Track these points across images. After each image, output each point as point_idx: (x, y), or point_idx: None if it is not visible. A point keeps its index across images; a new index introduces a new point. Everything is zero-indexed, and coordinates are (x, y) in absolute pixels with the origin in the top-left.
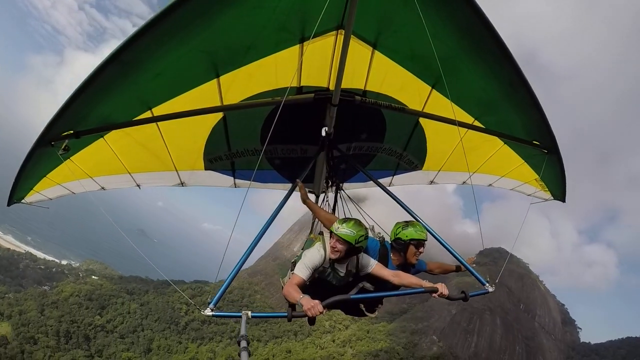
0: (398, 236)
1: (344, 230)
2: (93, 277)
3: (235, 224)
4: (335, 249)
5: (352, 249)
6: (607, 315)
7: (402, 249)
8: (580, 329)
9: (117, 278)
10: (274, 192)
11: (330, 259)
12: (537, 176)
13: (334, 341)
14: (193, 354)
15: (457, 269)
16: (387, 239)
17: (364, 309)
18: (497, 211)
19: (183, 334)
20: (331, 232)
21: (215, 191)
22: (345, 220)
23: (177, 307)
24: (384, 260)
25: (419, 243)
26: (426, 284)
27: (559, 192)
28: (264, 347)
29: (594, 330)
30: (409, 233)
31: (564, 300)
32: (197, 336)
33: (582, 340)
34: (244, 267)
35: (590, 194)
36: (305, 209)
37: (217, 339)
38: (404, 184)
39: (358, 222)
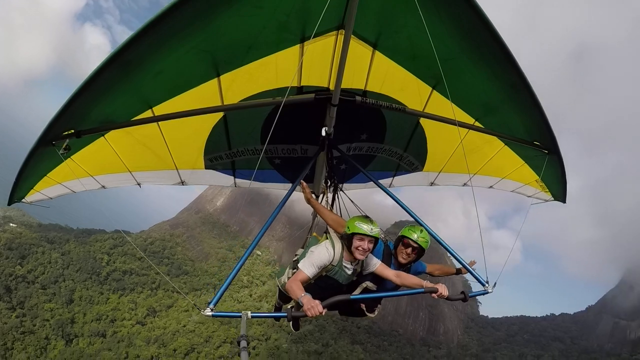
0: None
1: (376, 229)
2: (11, 224)
3: None
4: (365, 250)
5: (374, 247)
6: (506, 295)
7: (394, 246)
8: (480, 303)
9: (36, 226)
10: None
11: (340, 258)
12: (537, 177)
13: (251, 295)
14: (115, 304)
15: (458, 272)
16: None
17: (364, 308)
18: (418, 187)
19: (105, 284)
20: (359, 235)
21: None
22: (368, 219)
23: (99, 257)
24: (387, 260)
25: (408, 242)
26: (427, 284)
27: (559, 192)
28: (183, 300)
29: (492, 306)
30: (404, 230)
31: (467, 276)
32: (118, 287)
33: (480, 313)
34: (165, 218)
35: None
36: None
37: (139, 290)
38: (404, 185)
39: (371, 218)
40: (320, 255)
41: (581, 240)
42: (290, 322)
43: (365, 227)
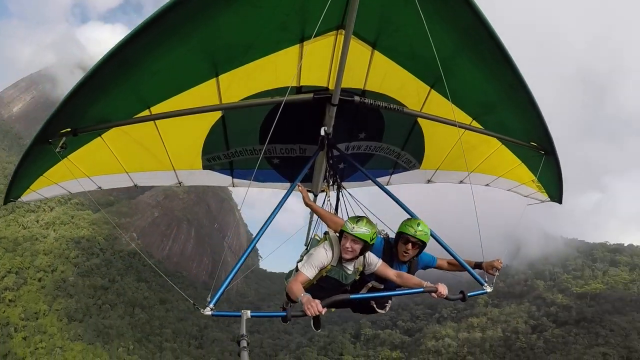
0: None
1: (360, 229)
2: None
3: None
4: (350, 249)
5: (366, 247)
6: (284, 253)
7: (394, 244)
8: (260, 257)
9: None
10: None
11: (339, 258)
12: (534, 177)
13: (37, 222)
14: None
15: (477, 266)
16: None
17: (375, 306)
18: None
19: None
20: (344, 233)
21: None
22: (357, 219)
23: None
24: (388, 256)
25: (407, 238)
26: (427, 284)
27: (555, 193)
28: None
29: (270, 261)
30: (401, 226)
31: (253, 231)
32: None
33: (260, 266)
34: None
35: None
36: None
37: None
38: (401, 183)
39: (369, 220)
40: (319, 256)
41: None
42: (312, 322)
43: (348, 225)
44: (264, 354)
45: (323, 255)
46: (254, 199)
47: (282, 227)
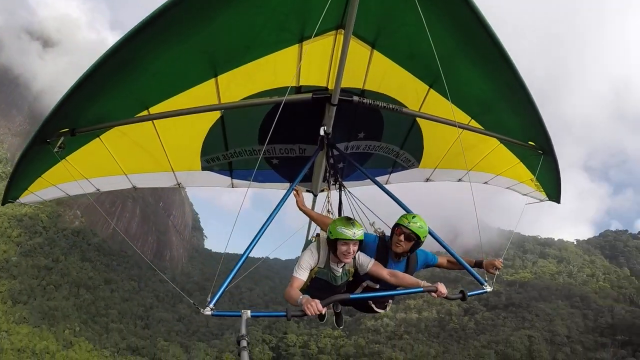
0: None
1: (360, 232)
2: None
3: None
4: (351, 253)
5: (360, 246)
6: (233, 235)
7: (390, 237)
8: (206, 237)
9: None
10: None
11: (327, 260)
12: (532, 176)
13: None
14: None
15: (477, 265)
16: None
17: (373, 305)
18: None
19: None
20: (340, 240)
21: None
22: (350, 222)
23: None
24: (382, 254)
25: (400, 229)
26: (424, 283)
27: (553, 193)
28: None
29: (217, 241)
30: (398, 219)
31: (198, 210)
32: None
33: (205, 246)
34: None
35: None
36: None
37: None
38: (400, 182)
39: (351, 219)
40: (305, 258)
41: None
42: (334, 318)
43: (348, 233)
44: (210, 334)
45: (309, 257)
46: None
47: (227, 208)
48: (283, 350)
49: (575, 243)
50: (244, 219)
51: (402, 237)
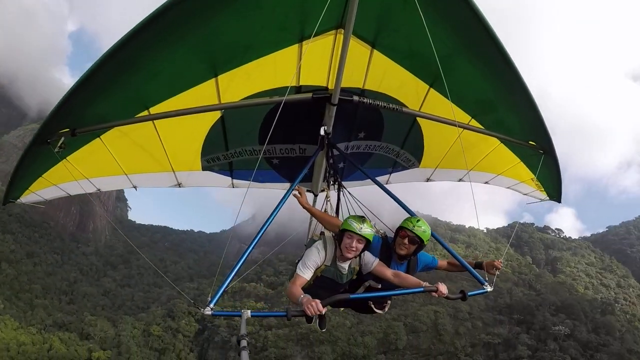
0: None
1: (367, 230)
2: None
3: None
4: (354, 249)
5: (366, 247)
6: (153, 206)
7: (393, 240)
8: (130, 208)
9: None
10: None
11: (334, 257)
12: (533, 176)
13: None
14: None
15: (477, 266)
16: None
17: (372, 306)
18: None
19: None
20: (348, 232)
21: None
22: (361, 218)
23: None
24: (385, 255)
25: (404, 232)
26: (425, 284)
27: (554, 192)
28: None
29: (140, 213)
30: (402, 222)
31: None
32: None
33: (129, 217)
34: None
35: None
36: None
37: None
38: (401, 182)
39: (364, 217)
40: (312, 256)
41: None
42: (317, 322)
43: (355, 225)
44: (136, 307)
45: (315, 255)
46: None
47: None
48: (208, 322)
49: (485, 231)
50: (168, 190)
51: (406, 240)
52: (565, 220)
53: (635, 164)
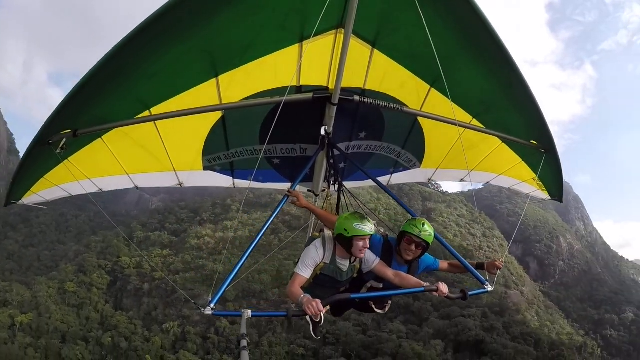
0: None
1: (372, 226)
2: None
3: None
4: (366, 247)
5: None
6: None
7: (397, 242)
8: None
9: None
10: None
11: (333, 255)
12: (534, 175)
13: None
14: None
15: (478, 267)
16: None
17: (373, 306)
18: None
19: None
20: (357, 237)
21: None
22: (359, 218)
23: None
24: (388, 255)
25: (410, 238)
26: (426, 284)
27: (556, 191)
28: None
29: None
30: (405, 226)
31: (14, 129)
32: None
33: None
34: None
35: None
36: None
37: None
38: (402, 182)
39: (360, 213)
40: (310, 254)
41: None
42: (311, 328)
43: (366, 229)
44: (45, 267)
45: (314, 253)
46: None
47: None
48: (119, 273)
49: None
50: None
51: (412, 246)
52: None
53: None
